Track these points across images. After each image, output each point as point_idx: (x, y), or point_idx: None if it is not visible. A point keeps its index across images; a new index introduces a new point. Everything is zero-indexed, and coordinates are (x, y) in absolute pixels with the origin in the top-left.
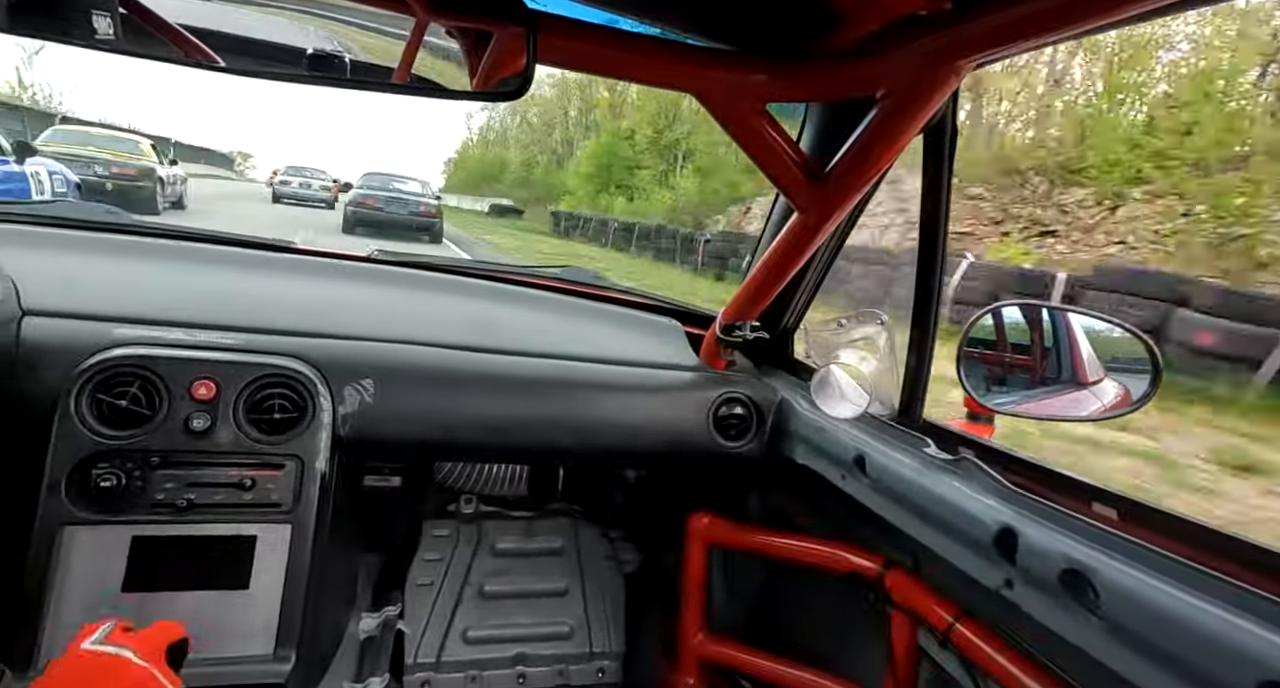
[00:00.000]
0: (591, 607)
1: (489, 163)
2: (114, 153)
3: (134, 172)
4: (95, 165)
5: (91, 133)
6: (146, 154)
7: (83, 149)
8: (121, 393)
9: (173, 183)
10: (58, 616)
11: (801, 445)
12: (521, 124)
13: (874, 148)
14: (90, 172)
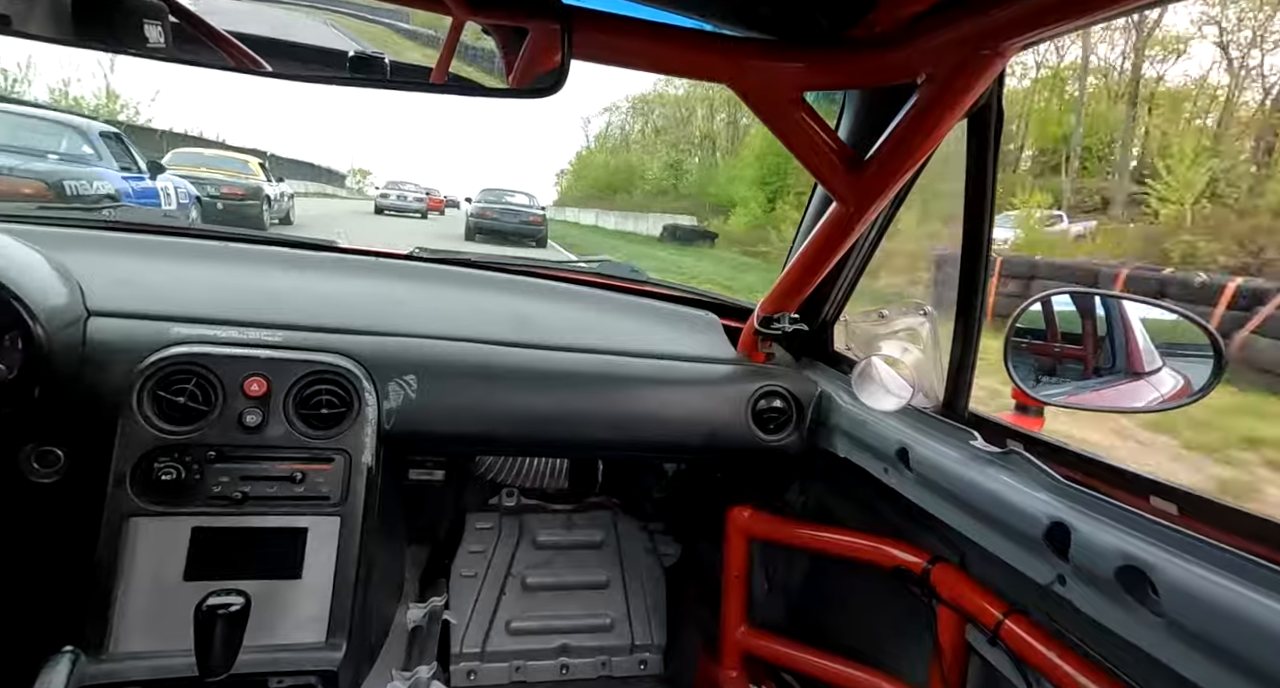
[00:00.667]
0: (632, 599)
1: (616, 171)
2: (225, 172)
3: (242, 191)
4: (206, 186)
5: (204, 154)
6: (255, 173)
7: (195, 171)
8: (180, 390)
9: (279, 200)
10: (125, 603)
11: (842, 439)
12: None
13: (914, 135)
14: (203, 191)
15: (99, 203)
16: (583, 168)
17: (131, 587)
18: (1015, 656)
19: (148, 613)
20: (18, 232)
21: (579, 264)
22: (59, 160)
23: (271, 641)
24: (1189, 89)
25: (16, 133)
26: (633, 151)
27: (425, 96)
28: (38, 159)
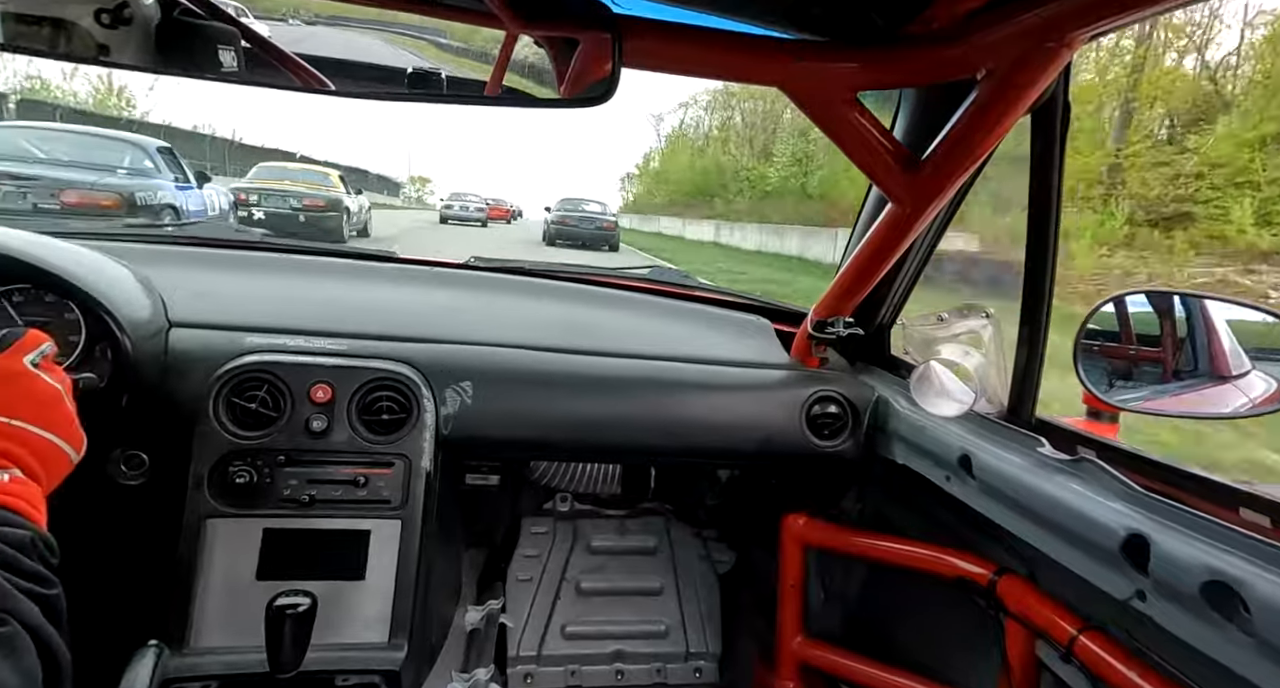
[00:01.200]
0: (686, 606)
1: (705, 172)
2: (307, 185)
3: (323, 203)
4: (290, 198)
5: (288, 167)
6: (335, 186)
7: (279, 183)
8: (252, 396)
9: (358, 212)
10: (204, 601)
11: (901, 445)
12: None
13: (974, 132)
14: (285, 204)
15: (162, 212)
16: (663, 170)
17: (209, 585)
18: (1091, 673)
19: (223, 610)
20: (105, 248)
21: (630, 270)
22: (127, 175)
23: (338, 640)
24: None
25: (88, 151)
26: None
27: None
28: (109, 174)
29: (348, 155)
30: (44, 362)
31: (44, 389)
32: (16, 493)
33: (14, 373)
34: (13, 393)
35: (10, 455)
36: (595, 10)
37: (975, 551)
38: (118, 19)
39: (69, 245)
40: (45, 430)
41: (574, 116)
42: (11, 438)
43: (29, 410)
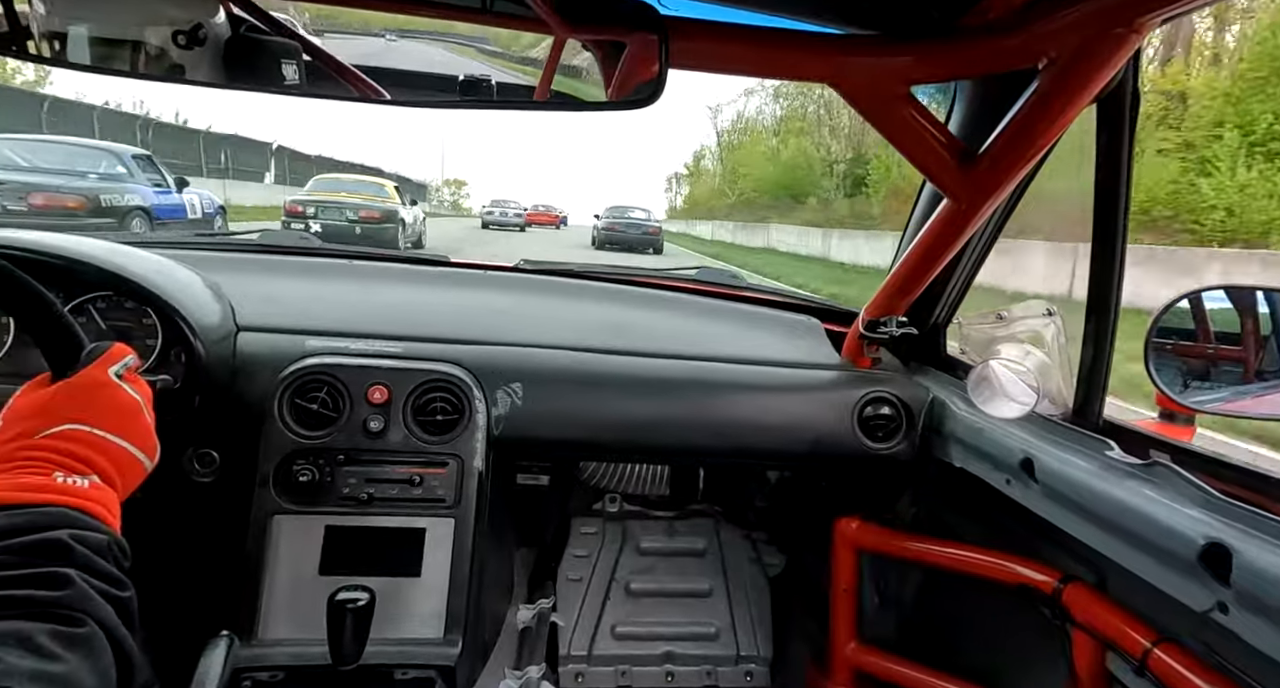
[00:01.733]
0: (737, 609)
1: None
2: (363, 196)
3: (379, 214)
4: (345, 210)
5: (343, 179)
6: (391, 196)
7: (335, 195)
8: (313, 397)
9: (413, 223)
10: (270, 594)
11: (958, 447)
12: (798, 114)
13: (1035, 123)
14: (341, 217)
15: (130, 212)
16: (739, 165)
17: (275, 579)
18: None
19: (289, 604)
20: (179, 256)
21: (677, 271)
22: (98, 179)
23: (395, 635)
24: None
25: (66, 158)
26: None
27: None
28: (79, 178)
29: (369, 155)
30: (127, 373)
31: (126, 400)
32: (95, 498)
33: (99, 384)
34: (97, 403)
35: (90, 463)
36: (642, 12)
37: (1038, 557)
38: (193, 40)
39: (147, 254)
40: (124, 440)
41: (616, 116)
42: (93, 446)
43: (111, 420)
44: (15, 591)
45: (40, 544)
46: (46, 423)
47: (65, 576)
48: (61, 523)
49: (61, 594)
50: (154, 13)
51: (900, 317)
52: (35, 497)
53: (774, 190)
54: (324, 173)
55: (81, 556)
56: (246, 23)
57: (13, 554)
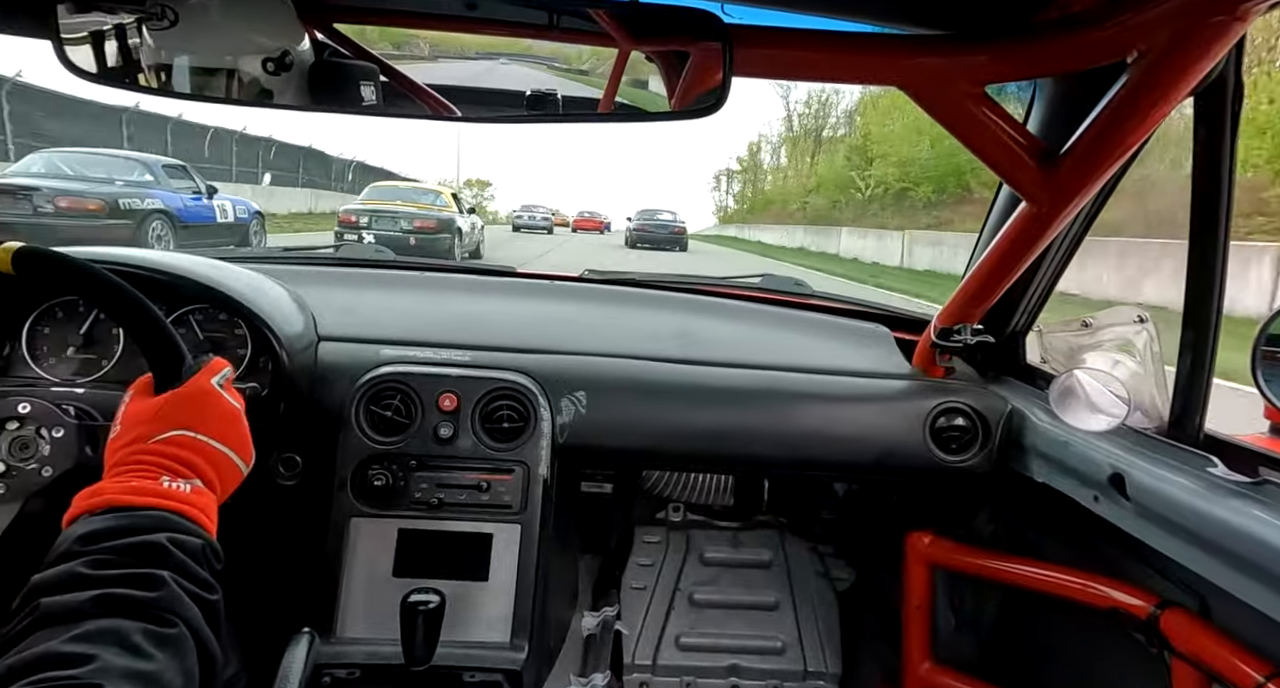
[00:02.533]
0: (804, 623)
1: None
2: (418, 205)
3: (434, 224)
4: (400, 219)
5: (399, 187)
6: (448, 205)
7: (391, 204)
8: (387, 405)
9: (470, 232)
10: (348, 594)
11: (1039, 461)
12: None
13: (1124, 121)
14: (396, 227)
15: (150, 215)
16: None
17: (353, 580)
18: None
19: (365, 604)
20: (267, 270)
21: (741, 279)
22: (124, 185)
23: (464, 637)
24: None
25: (106, 168)
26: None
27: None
28: (105, 185)
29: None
30: (225, 383)
31: (228, 408)
32: (195, 503)
33: (205, 392)
34: (203, 411)
35: (194, 467)
36: (706, 22)
37: (1131, 580)
38: (280, 66)
39: (239, 269)
40: (225, 446)
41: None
42: (198, 451)
43: (215, 427)
44: (115, 589)
45: (140, 546)
46: (159, 428)
47: (160, 578)
48: (162, 527)
49: (156, 596)
50: (247, 43)
51: (975, 324)
52: (141, 500)
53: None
54: (380, 180)
55: (177, 559)
56: (329, 48)
57: (115, 554)
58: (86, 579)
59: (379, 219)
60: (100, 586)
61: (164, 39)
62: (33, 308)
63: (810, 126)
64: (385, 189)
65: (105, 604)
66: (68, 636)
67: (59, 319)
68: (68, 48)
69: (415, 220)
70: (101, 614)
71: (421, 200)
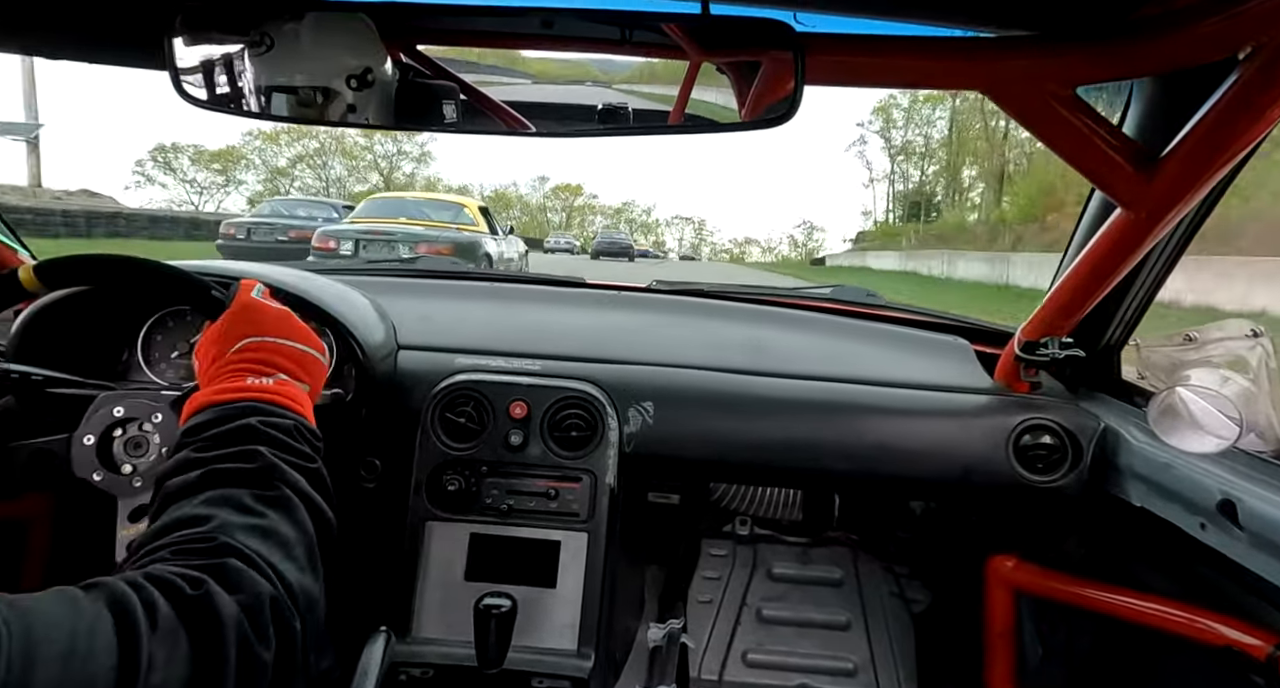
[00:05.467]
0: (877, 645)
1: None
2: (428, 223)
3: (449, 248)
4: (398, 243)
5: (406, 200)
6: (474, 224)
7: (392, 223)
8: (461, 412)
9: (505, 260)
10: (423, 595)
11: (1137, 484)
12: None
13: (1233, 121)
14: (394, 253)
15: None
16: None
17: (428, 582)
18: None
19: (439, 606)
20: (350, 281)
21: (812, 290)
22: (323, 221)
23: (532, 643)
24: None
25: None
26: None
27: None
28: (312, 221)
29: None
30: (264, 294)
31: (276, 311)
32: (279, 392)
33: (249, 305)
34: (255, 317)
35: (273, 363)
36: (778, 32)
37: (1246, 616)
38: (363, 82)
39: (325, 280)
40: (292, 340)
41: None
42: (271, 350)
43: (273, 328)
44: (221, 465)
45: (236, 430)
46: (228, 344)
47: (258, 452)
48: (251, 413)
49: (256, 466)
50: (335, 63)
51: (1064, 338)
52: (229, 396)
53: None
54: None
55: (268, 435)
56: (412, 69)
57: (216, 440)
58: (196, 462)
59: (369, 244)
60: (207, 464)
61: (263, 64)
62: (147, 317)
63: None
64: (388, 202)
65: (214, 478)
66: (192, 504)
67: (169, 328)
68: (183, 78)
69: (421, 244)
70: (213, 486)
71: (435, 216)
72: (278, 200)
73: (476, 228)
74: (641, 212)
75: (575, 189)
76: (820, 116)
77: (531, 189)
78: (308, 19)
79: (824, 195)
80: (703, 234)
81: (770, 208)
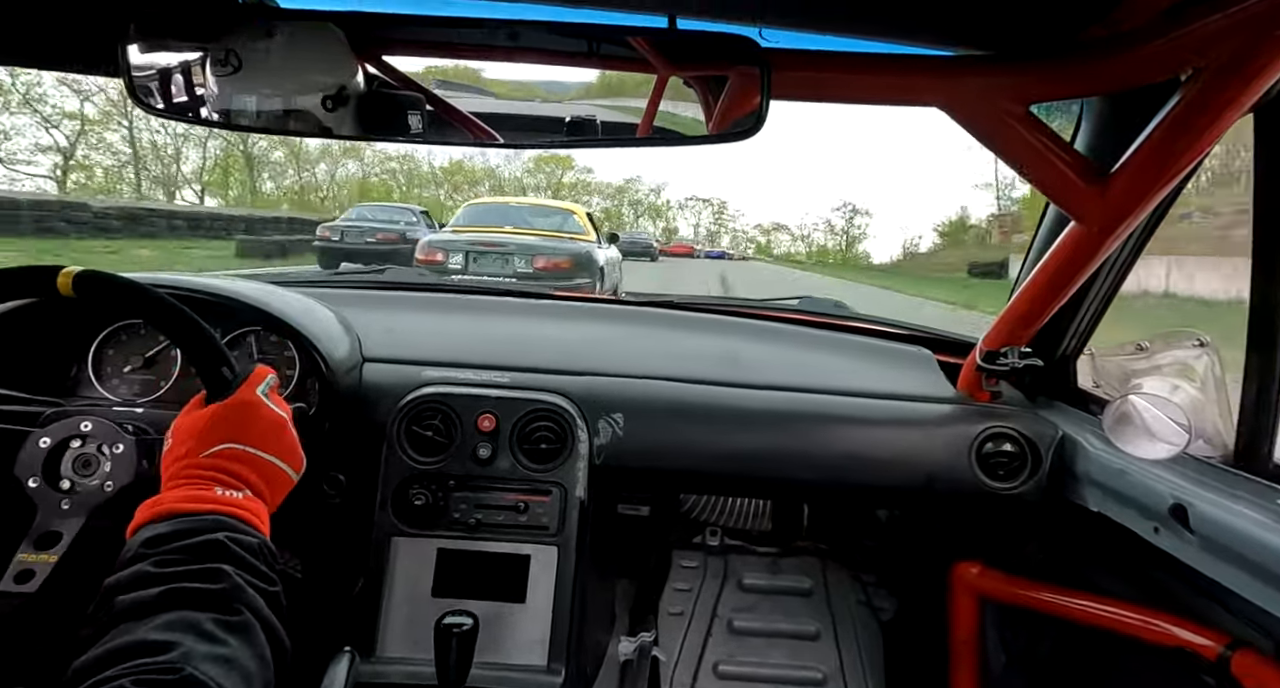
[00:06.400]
0: (846, 654)
1: None
2: (540, 233)
3: (567, 261)
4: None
5: (510, 206)
6: (584, 232)
7: (496, 231)
8: (428, 425)
9: (611, 270)
10: (389, 612)
11: (1094, 489)
12: None
13: (1177, 139)
14: (508, 268)
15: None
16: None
17: (393, 599)
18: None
19: (405, 623)
20: (315, 294)
21: (781, 302)
22: (404, 224)
23: (501, 659)
24: None
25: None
26: None
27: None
28: (395, 225)
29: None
30: (270, 392)
31: (271, 417)
32: (247, 507)
33: (249, 404)
34: (246, 421)
35: (243, 477)
36: (744, 47)
37: (1197, 617)
38: (338, 101)
39: (289, 294)
40: (272, 455)
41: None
42: (246, 462)
43: (258, 437)
44: (183, 583)
45: (202, 545)
46: (207, 443)
47: (223, 571)
48: (219, 528)
49: (220, 587)
50: (307, 83)
51: (1023, 347)
52: (198, 506)
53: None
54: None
55: (235, 554)
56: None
57: (179, 553)
58: (155, 577)
59: (480, 257)
60: (168, 582)
61: (229, 83)
62: (98, 331)
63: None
64: (489, 209)
65: (174, 598)
66: (148, 627)
67: (122, 342)
68: (137, 85)
69: (538, 257)
70: (172, 607)
71: (542, 224)
72: (364, 206)
73: (586, 237)
74: (648, 192)
75: (564, 161)
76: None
77: (505, 161)
78: (278, 39)
79: (873, 173)
80: (722, 219)
81: (804, 188)
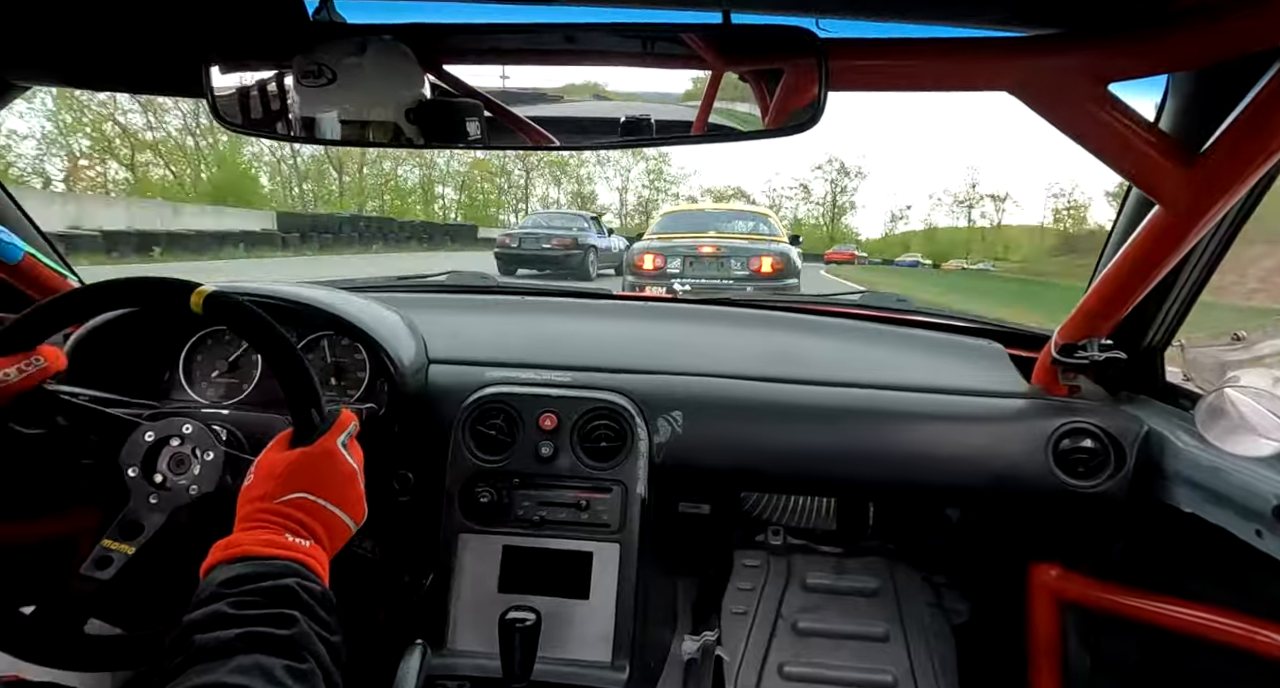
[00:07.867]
0: (916, 658)
1: None
2: (741, 236)
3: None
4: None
5: (708, 213)
6: (780, 235)
7: (700, 236)
8: (491, 425)
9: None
10: (458, 608)
11: (1186, 489)
12: None
13: (1275, 114)
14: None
15: (589, 248)
16: None
17: (461, 594)
18: None
19: (473, 617)
20: (383, 299)
21: (841, 297)
22: (578, 230)
23: (566, 655)
24: None
25: (564, 220)
26: None
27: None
28: (569, 231)
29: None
30: (350, 441)
31: (346, 470)
32: (313, 555)
33: (328, 454)
34: (323, 472)
35: (310, 528)
36: (801, 38)
37: None
38: (419, 114)
39: (358, 299)
40: (339, 508)
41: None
42: (314, 514)
43: (331, 489)
44: (257, 627)
45: (275, 590)
46: (285, 489)
47: (294, 617)
48: (289, 573)
49: (291, 633)
50: (394, 96)
51: (1104, 339)
52: (271, 550)
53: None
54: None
55: (304, 601)
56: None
57: (254, 596)
58: (232, 618)
59: (694, 263)
60: (244, 624)
61: (321, 95)
62: (188, 338)
63: None
64: (690, 216)
65: (250, 641)
66: (225, 669)
67: (209, 347)
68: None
69: (754, 260)
70: (248, 650)
71: (740, 229)
72: (539, 214)
73: (782, 239)
74: (668, 181)
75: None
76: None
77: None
78: (370, 52)
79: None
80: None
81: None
